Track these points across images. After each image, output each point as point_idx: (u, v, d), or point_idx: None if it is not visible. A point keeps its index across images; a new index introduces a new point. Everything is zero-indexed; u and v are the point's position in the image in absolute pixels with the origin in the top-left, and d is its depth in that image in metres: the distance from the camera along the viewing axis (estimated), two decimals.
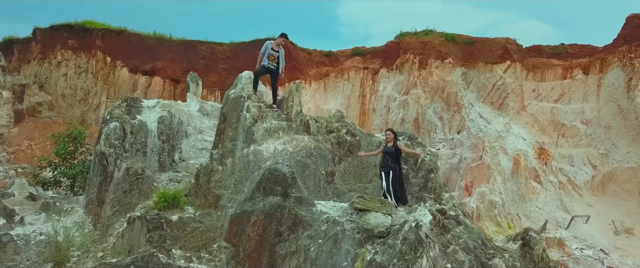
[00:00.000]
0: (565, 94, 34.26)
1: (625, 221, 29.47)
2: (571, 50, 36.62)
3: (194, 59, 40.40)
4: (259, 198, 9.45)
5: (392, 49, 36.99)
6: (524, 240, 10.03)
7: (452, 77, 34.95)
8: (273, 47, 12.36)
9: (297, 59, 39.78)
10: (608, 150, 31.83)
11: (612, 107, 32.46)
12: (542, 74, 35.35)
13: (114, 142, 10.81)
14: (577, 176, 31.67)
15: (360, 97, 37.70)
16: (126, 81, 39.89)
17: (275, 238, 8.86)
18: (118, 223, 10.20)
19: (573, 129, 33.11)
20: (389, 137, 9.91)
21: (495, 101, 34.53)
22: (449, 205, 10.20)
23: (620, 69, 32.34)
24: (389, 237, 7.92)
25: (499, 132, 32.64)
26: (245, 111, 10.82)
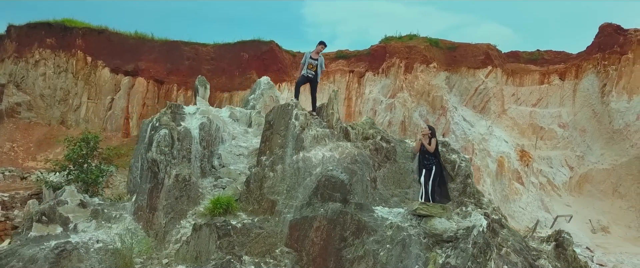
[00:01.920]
0: (543, 99, 35.77)
1: (601, 220, 31.14)
2: (547, 56, 38.24)
3: (178, 60, 40.05)
4: (318, 204, 9.78)
5: (377, 53, 37.72)
6: (557, 241, 10.74)
7: (436, 81, 35.94)
8: (312, 55, 12.67)
9: (281, 62, 40.06)
10: (583, 152, 33.49)
11: (587, 111, 34.15)
12: (521, 79, 36.79)
13: (164, 149, 10.90)
14: (556, 177, 33.20)
15: (346, 99, 38.23)
16: (108, 82, 39.18)
17: (340, 243, 9.23)
18: (174, 230, 10.31)
19: (551, 132, 34.63)
20: (425, 133, 10.39)
21: (478, 105, 35.74)
22: (490, 208, 10.82)
23: (594, 76, 34.07)
24: (460, 241, 8.42)
25: (482, 135, 33.85)
26: (294, 119, 11.12)
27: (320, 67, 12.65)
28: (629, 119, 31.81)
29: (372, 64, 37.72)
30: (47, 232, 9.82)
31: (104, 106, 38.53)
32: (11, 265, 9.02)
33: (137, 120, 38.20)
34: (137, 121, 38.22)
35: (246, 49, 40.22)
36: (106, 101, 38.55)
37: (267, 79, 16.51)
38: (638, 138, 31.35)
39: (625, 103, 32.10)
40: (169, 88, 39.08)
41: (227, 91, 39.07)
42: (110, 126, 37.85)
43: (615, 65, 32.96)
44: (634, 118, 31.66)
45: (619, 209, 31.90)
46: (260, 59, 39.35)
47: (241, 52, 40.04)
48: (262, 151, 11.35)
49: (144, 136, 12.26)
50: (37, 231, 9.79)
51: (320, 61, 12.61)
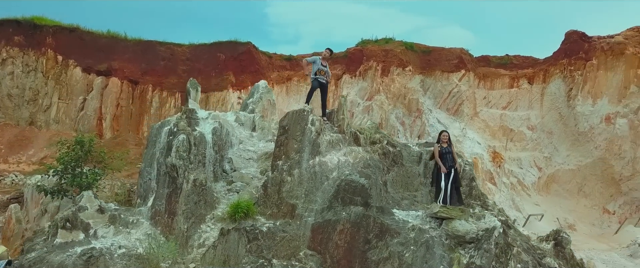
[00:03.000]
0: (512, 102, 37.18)
1: (568, 218, 32.71)
2: (516, 61, 39.76)
3: (153, 60, 39.48)
4: (339, 207, 10.13)
5: (355, 56, 38.30)
6: (556, 240, 11.45)
7: (412, 84, 36.85)
8: (322, 62, 12.99)
9: (258, 63, 40.08)
10: (551, 154, 35.04)
11: (554, 114, 35.74)
12: (492, 82, 38.11)
13: (183, 154, 10.98)
14: (526, 177, 34.61)
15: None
16: (79, 81, 38.21)
17: (364, 245, 9.61)
18: (196, 234, 10.42)
19: (520, 134, 36.05)
20: (445, 138, 10.93)
21: (451, 108, 36.86)
22: (496, 210, 11.44)
23: (561, 80, 35.69)
24: (483, 242, 8.95)
25: (457, 137, 34.90)
26: (310, 124, 11.41)
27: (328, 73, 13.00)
28: (593, 122, 33.50)
29: (349, 66, 38.27)
30: (71, 239, 9.76)
31: (75, 106, 37.54)
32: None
33: (110, 121, 37.48)
34: (111, 122, 37.51)
35: (223, 50, 40.04)
36: (78, 101, 37.58)
37: (265, 83, 16.74)
38: (601, 140, 33.06)
39: (590, 107, 33.78)
40: (144, 89, 38.46)
41: (203, 92, 38.59)
42: (83, 127, 36.90)
43: (580, 70, 34.62)
44: (598, 121, 33.36)
45: (584, 208, 33.58)
46: (237, 60, 39.27)
47: (217, 53, 39.84)
48: (277, 156, 11.59)
49: (153, 141, 12.27)
50: (62, 238, 9.73)
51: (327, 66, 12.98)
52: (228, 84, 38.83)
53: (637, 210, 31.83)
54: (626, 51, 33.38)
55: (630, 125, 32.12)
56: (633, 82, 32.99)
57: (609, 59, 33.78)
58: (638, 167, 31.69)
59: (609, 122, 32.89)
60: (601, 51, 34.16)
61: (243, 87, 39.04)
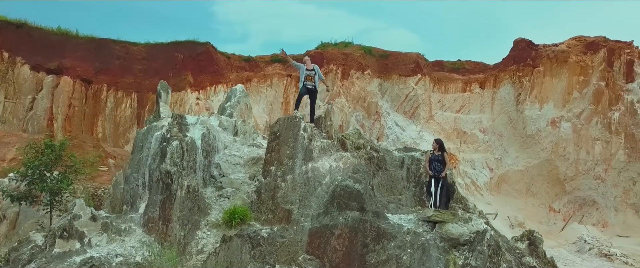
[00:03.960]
0: (465, 106, 38.79)
1: (518, 216, 34.51)
2: (467, 66, 41.46)
3: (107, 59, 38.30)
4: (335, 212, 10.46)
5: (315, 59, 38.46)
6: (529, 240, 12.28)
7: (371, 87, 37.70)
8: (307, 67, 13.24)
9: (217, 63, 39.75)
10: (501, 155, 36.84)
11: (504, 118, 37.59)
12: (446, 86, 39.60)
13: (177, 161, 10.93)
14: (479, 178, 36.21)
15: (283, 103, 38.85)
16: (28, 80, 36.51)
17: (362, 249, 9.98)
18: (193, 241, 10.43)
19: (473, 136, 37.67)
20: (435, 146, 11.53)
21: (408, 111, 38.00)
22: (476, 213, 12.13)
23: (510, 86, 37.59)
24: (476, 244, 9.54)
25: (414, 139, 36.08)
26: (302, 131, 11.64)
27: (318, 76, 13.24)
28: (540, 126, 35.52)
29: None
30: (68, 248, 9.52)
31: (24, 106, 35.83)
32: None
33: (62, 122, 36.04)
34: (63, 122, 36.08)
35: (181, 49, 39.37)
36: (26, 100, 35.89)
37: (242, 87, 16.80)
38: (548, 143, 35.12)
39: (537, 111, 35.81)
40: (98, 88, 37.24)
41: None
42: (32, 128, 35.32)
43: (528, 77, 36.61)
44: (544, 125, 35.41)
45: (532, 206, 35.55)
46: (196, 60, 38.75)
47: (175, 53, 39.12)
48: (268, 161, 11.76)
49: (140, 146, 12.13)
50: (60, 248, 9.48)
51: (316, 70, 13.22)
52: (186, 84, 38.25)
53: (579, 208, 34.02)
54: (569, 59, 35.61)
55: (573, 128, 34.29)
56: (575, 88, 35.26)
57: (554, 67, 35.91)
58: (580, 168, 33.88)
59: (555, 125, 34.98)
60: (547, 59, 36.25)
61: (202, 88, 38.57)
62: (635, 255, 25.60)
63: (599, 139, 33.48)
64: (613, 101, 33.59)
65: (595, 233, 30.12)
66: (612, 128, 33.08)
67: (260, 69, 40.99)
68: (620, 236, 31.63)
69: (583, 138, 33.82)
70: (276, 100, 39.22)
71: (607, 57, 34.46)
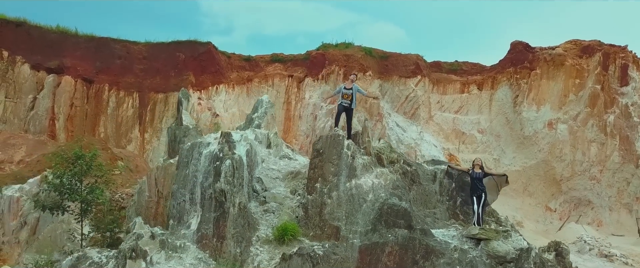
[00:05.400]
0: (463, 107, 39.53)
1: (516, 215, 35.42)
2: (465, 67, 42.19)
3: (108, 58, 38.16)
4: (383, 230, 10.97)
5: (317, 59, 39.06)
6: (557, 251, 12.94)
7: (372, 89, 38.17)
8: (346, 86, 13.69)
9: (218, 63, 39.85)
10: (499, 156, 37.69)
11: (502, 119, 38.44)
12: (444, 88, 40.29)
13: (229, 179, 11.30)
14: None
15: (285, 103, 39.13)
16: (28, 79, 36.25)
17: (413, 266, 10.52)
18: (249, 258, 10.82)
19: (471, 137, 38.46)
20: (477, 164, 12.10)
21: (408, 111, 38.62)
22: (508, 226, 12.76)
23: (508, 87, 38.42)
24: (523, 262, 10.15)
25: (415, 140, 36.78)
26: (346, 149, 12.09)
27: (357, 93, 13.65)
28: (537, 127, 36.45)
29: (311, 70, 38.99)
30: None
31: (25, 105, 35.58)
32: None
33: (64, 122, 35.89)
34: (65, 122, 35.94)
35: (182, 49, 39.36)
36: (27, 100, 35.64)
37: (267, 98, 17.16)
38: (545, 144, 36.07)
39: (534, 113, 36.72)
40: (99, 88, 37.11)
41: (162, 92, 38.05)
42: (33, 128, 35.11)
43: (525, 79, 37.48)
44: (541, 126, 36.35)
45: (529, 206, 36.54)
46: (197, 60, 38.81)
47: (177, 53, 39.10)
48: (312, 178, 12.18)
49: (185, 162, 12.46)
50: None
51: (355, 88, 13.65)
52: (188, 84, 38.27)
53: (575, 208, 35.13)
54: (565, 63, 36.56)
55: (569, 130, 35.29)
56: (572, 91, 36.24)
57: (550, 69, 36.82)
58: (576, 169, 34.93)
59: (551, 127, 35.94)
60: (544, 62, 37.14)
61: (203, 88, 38.66)
62: (634, 255, 26.68)
63: (595, 141, 34.54)
64: (608, 104, 34.64)
65: (591, 233, 31.20)
66: (608, 131, 34.16)
67: (261, 69, 41.16)
68: (615, 235, 32.83)
69: (579, 140, 34.84)
70: (278, 100, 39.43)
71: (603, 61, 35.48)
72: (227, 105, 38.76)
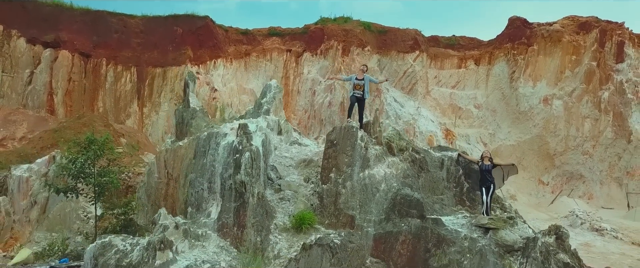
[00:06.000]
0: (460, 82, 39.90)
1: (510, 189, 36.29)
2: (462, 42, 42.33)
3: (105, 32, 37.88)
4: (397, 219, 11.48)
5: (316, 34, 38.97)
6: (557, 234, 13.54)
7: (371, 64, 38.30)
8: (357, 77, 13.94)
9: (216, 37, 39.66)
10: (495, 130, 38.34)
11: (498, 94, 38.91)
12: (442, 62, 40.52)
13: (249, 170, 11.67)
14: (473, 152, 37.62)
15: (283, 78, 39.21)
16: (25, 53, 35.97)
17: (425, 254, 11.07)
18: (269, 246, 11.31)
19: (468, 112, 38.97)
20: (486, 156, 12.59)
21: (406, 87, 38.91)
22: (512, 211, 13.34)
23: (505, 63, 38.76)
24: (530, 251, 10.73)
25: (412, 115, 37.22)
26: (359, 140, 12.48)
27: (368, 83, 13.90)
28: (533, 103, 37.00)
29: (310, 44, 38.96)
30: (166, 259, 10.30)
31: (22, 80, 35.41)
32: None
33: (62, 97, 35.84)
34: (63, 97, 35.89)
35: (179, 23, 39.07)
36: (25, 75, 35.45)
37: (276, 82, 17.36)
38: (539, 119, 36.71)
39: (531, 89, 37.20)
40: (97, 63, 36.95)
41: (160, 66, 37.96)
42: (32, 103, 35.07)
43: (523, 55, 37.81)
44: (536, 102, 36.90)
45: (523, 179, 37.38)
46: (195, 34, 38.61)
47: (174, 27, 38.82)
48: (326, 168, 12.60)
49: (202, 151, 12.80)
50: (160, 260, 10.25)
51: (366, 79, 13.90)
52: (186, 59, 38.20)
53: (567, 182, 36.07)
54: (563, 39, 36.86)
55: (564, 106, 35.89)
56: (568, 67, 36.68)
57: (548, 46, 37.14)
58: (570, 144, 35.70)
59: (547, 103, 36.51)
60: (541, 38, 37.40)
61: (201, 63, 38.59)
62: (623, 229, 27.65)
63: (589, 117, 35.21)
64: (603, 81, 35.16)
65: (582, 206, 32.15)
66: (602, 107, 34.79)
67: (259, 43, 41.01)
68: (605, 208, 33.86)
69: (573, 116, 35.48)
70: (276, 75, 39.49)
71: (599, 38, 35.81)
72: (226, 79, 38.78)
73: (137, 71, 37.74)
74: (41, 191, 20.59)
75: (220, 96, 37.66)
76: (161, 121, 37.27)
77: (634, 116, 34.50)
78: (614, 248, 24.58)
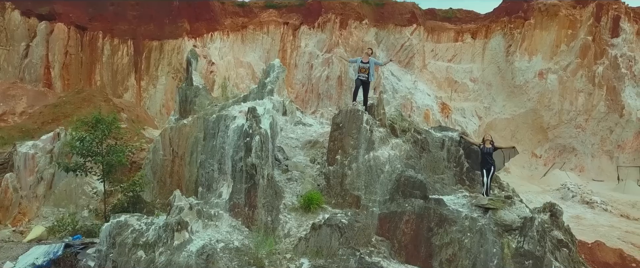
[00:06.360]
0: (457, 55, 40.15)
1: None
2: (459, 15, 42.37)
3: (100, 5, 37.64)
4: (400, 200, 12.00)
5: (313, 7, 38.84)
6: (551, 211, 14.16)
7: (368, 37, 38.44)
8: (363, 60, 14.20)
9: (213, 10, 39.46)
10: (490, 104, 38.84)
11: (493, 68, 39.27)
12: (439, 36, 40.67)
13: (259, 153, 12.06)
14: (468, 126, 38.26)
15: (280, 51, 39.28)
16: (20, 26, 35.80)
17: (428, 233, 11.64)
18: (279, 226, 11.82)
19: (463, 85, 39.37)
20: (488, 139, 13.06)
21: (403, 60, 39.13)
22: (510, 191, 13.92)
23: (501, 37, 38.99)
24: (527, 230, 11.33)
25: (409, 89, 37.57)
26: (365, 123, 12.88)
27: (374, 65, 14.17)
28: (528, 77, 37.42)
29: (307, 17, 38.88)
30: (183, 239, 10.77)
31: (18, 53, 35.32)
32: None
33: (59, 70, 35.80)
34: (60, 71, 35.84)
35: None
36: (20, 48, 35.35)
37: (278, 62, 17.52)
38: (534, 93, 37.20)
39: (526, 63, 37.57)
40: (93, 36, 36.82)
41: (157, 39, 37.87)
42: (29, 76, 35.05)
43: (519, 29, 38.01)
44: (532, 76, 37.32)
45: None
46: (192, 6, 38.39)
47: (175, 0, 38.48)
48: (332, 150, 13.02)
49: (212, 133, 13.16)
50: (178, 240, 10.72)
51: (371, 62, 14.17)
52: (183, 32, 38.10)
53: (559, 154, 36.85)
54: (559, 13, 37.03)
55: (559, 80, 36.35)
56: (563, 41, 36.99)
57: (544, 20, 37.32)
58: (563, 117, 36.32)
59: (542, 77, 36.96)
60: (538, 12, 37.54)
61: (198, 36, 38.51)
62: (612, 202, 28.54)
63: (583, 91, 35.74)
64: (598, 55, 35.55)
65: (574, 179, 32.99)
66: (596, 81, 35.29)
67: (255, 16, 40.84)
68: (595, 180, 34.76)
69: (568, 90, 35.99)
70: (273, 48, 39.56)
71: (595, 12, 36.03)
72: (223, 52, 38.77)
73: (134, 44, 37.66)
74: (47, 168, 20.92)
75: (218, 69, 37.74)
76: (159, 94, 37.41)
77: (627, 91, 35.08)
78: (603, 221, 25.47)
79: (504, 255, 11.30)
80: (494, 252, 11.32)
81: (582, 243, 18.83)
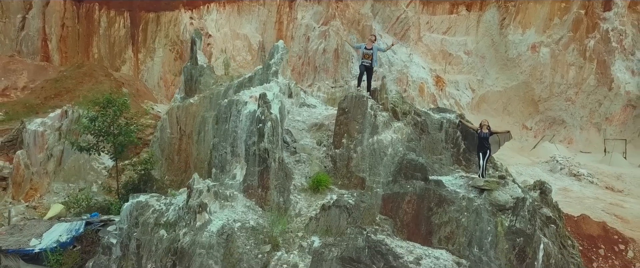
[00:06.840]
0: (451, 28, 40.60)
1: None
2: None
3: None
4: (403, 181, 12.89)
5: None
6: (541, 189, 15.15)
7: (364, 9, 38.66)
8: (366, 46, 14.81)
9: None
10: (483, 77, 39.60)
11: (487, 41, 39.84)
12: (434, 8, 40.94)
13: (271, 138, 12.80)
14: (461, 98, 39.15)
15: (276, 23, 39.46)
16: None
17: (428, 212, 12.59)
18: (291, 206, 12.69)
19: (458, 58, 40.00)
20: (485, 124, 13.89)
21: (398, 33, 39.49)
22: (503, 171, 14.86)
23: (496, 9, 39.42)
24: (519, 209, 12.30)
25: (404, 62, 38.13)
26: (369, 109, 13.63)
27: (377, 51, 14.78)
28: (521, 50, 38.09)
29: None
30: (204, 220, 11.60)
31: (14, 26, 35.29)
32: (198, 253, 10.97)
33: (57, 43, 35.91)
34: (58, 43, 35.95)
35: None
36: (17, 20, 35.29)
37: (282, 43, 18.06)
38: (527, 66, 37.95)
39: (520, 36, 38.17)
40: (89, 8, 36.77)
41: (153, 11, 37.92)
42: (26, 49, 35.15)
43: (513, 1, 38.46)
44: (525, 49, 37.99)
45: (507, 124, 39.03)
46: None
47: None
48: (338, 133, 13.80)
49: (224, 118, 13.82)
50: (200, 221, 11.55)
51: (375, 48, 14.78)
52: (179, 4, 38.12)
53: (549, 127, 37.93)
54: None
55: (551, 54, 37.07)
56: (557, 14, 37.51)
57: None
58: (554, 90, 37.22)
59: (534, 50, 37.64)
60: None
61: (194, 7, 38.56)
62: (598, 174, 29.76)
63: (574, 64, 36.54)
64: (590, 29, 36.20)
65: (562, 151, 34.15)
66: (587, 55, 36.06)
67: None
68: (583, 152, 35.98)
69: (559, 63, 36.76)
70: (269, 20, 39.70)
71: None
72: (219, 25, 38.89)
73: (131, 16, 37.69)
74: (56, 145, 21.57)
75: (214, 42, 37.96)
76: (156, 67, 37.70)
77: (617, 64, 35.93)
78: (589, 193, 26.70)
79: (497, 233, 12.31)
80: (488, 230, 12.32)
81: (568, 216, 19.95)
